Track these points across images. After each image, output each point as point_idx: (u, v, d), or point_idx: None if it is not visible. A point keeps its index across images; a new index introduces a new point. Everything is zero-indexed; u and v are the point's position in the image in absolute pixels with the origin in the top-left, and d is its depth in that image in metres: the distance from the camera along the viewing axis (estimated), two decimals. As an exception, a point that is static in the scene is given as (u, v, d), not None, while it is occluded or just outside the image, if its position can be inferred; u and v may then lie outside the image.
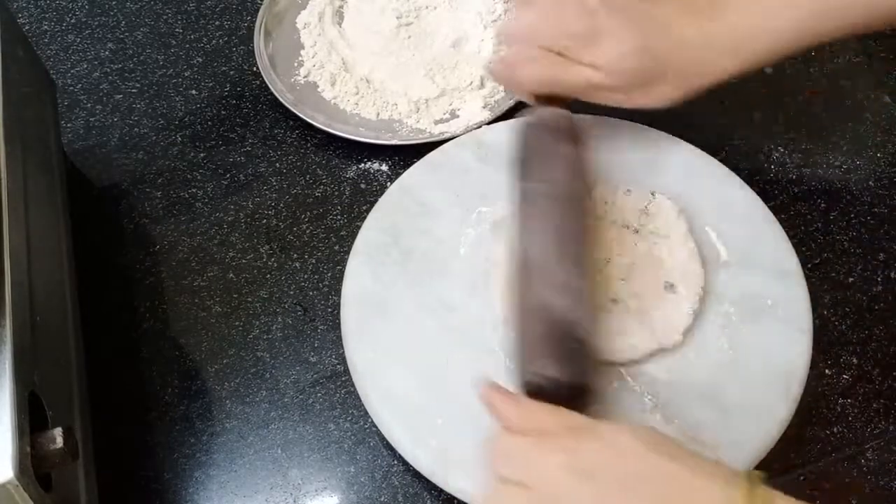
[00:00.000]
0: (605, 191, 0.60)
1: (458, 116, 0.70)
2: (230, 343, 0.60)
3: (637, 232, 0.58)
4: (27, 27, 0.78)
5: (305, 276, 0.63)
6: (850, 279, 0.61)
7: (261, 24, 0.75)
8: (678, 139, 0.63)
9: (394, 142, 0.68)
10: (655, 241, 0.58)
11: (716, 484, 0.39)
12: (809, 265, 0.59)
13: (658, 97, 0.55)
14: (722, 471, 0.40)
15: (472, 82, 0.71)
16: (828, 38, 0.56)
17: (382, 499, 0.54)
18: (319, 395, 0.58)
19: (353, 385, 0.56)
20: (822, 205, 0.66)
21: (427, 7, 0.77)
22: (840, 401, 0.56)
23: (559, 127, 0.56)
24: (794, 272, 0.57)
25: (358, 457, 0.56)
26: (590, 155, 0.59)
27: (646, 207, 0.59)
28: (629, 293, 0.56)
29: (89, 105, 0.73)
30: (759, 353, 0.54)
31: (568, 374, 0.46)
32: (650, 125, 0.63)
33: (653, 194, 0.60)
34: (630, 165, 0.62)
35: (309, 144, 0.70)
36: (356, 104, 0.71)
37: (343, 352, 0.57)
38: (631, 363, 0.54)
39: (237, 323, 0.61)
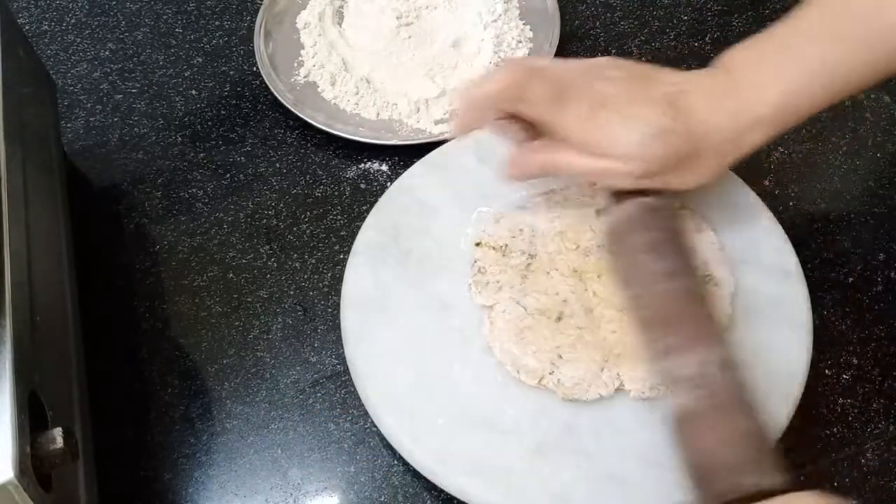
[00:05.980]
0: None
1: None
2: (230, 343, 0.60)
3: None
4: (27, 27, 0.78)
5: (305, 276, 0.63)
6: (850, 279, 0.61)
7: (261, 24, 0.75)
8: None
9: (394, 142, 0.68)
10: None
11: None
12: (809, 265, 0.59)
13: (694, 179, 0.53)
14: None
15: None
16: (852, 86, 0.52)
17: (382, 499, 0.54)
18: (319, 395, 0.58)
19: (353, 385, 0.56)
20: (822, 205, 0.66)
21: (427, 7, 0.77)
22: (840, 401, 0.56)
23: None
24: (794, 272, 0.57)
25: (358, 457, 0.56)
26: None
27: None
28: None
29: (89, 105, 0.74)
30: (759, 353, 0.54)
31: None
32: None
33: None
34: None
35: (309, 144, 0.70)
36: (356, 104, 0.71)
37: (343, 352, 0.57)
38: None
39: (237, 323, 0.61)
